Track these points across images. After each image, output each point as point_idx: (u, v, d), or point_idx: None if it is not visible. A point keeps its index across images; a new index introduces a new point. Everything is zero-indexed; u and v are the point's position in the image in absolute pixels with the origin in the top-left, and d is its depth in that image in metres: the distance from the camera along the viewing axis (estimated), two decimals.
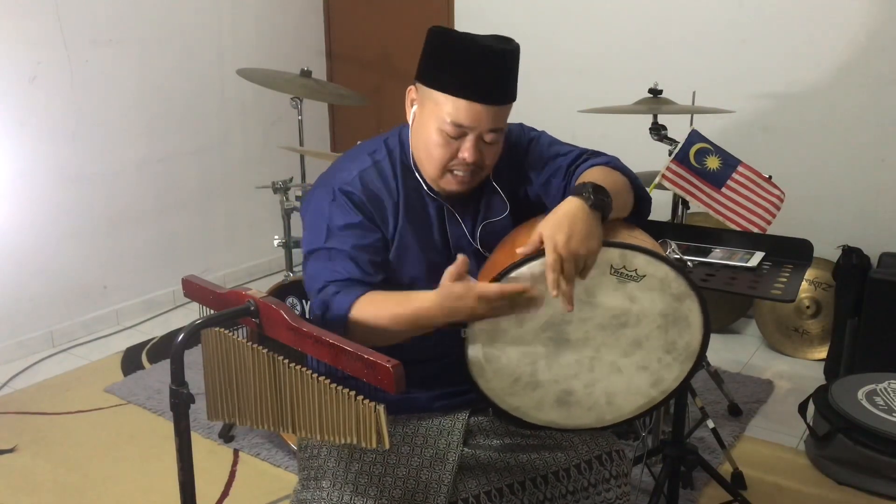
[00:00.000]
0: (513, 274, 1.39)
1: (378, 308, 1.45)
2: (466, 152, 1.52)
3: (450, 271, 1.37)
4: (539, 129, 1.74)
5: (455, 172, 1.55)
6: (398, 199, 1.59)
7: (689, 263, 1.46)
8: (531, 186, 1.66)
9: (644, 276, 1.40)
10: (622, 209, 1.52)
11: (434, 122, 1.52)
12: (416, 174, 1.61)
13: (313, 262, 1.57)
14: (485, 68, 1.49)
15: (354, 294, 1.47)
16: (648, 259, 1.40)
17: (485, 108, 1.49)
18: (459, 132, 1.51)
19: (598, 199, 1.41)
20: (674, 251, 1.47)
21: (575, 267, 1.35)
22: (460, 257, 1.38)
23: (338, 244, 1.53)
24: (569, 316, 1.42)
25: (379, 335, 1.43)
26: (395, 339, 1.44)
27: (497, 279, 1.39)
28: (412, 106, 1.60)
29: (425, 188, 1.61)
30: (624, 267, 1.40)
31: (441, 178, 1.56)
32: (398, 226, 1.58)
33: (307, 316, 2.41)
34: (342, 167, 1.62)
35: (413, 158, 1.61)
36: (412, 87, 1.60)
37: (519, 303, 1.37)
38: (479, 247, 1.62)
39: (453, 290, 1.36)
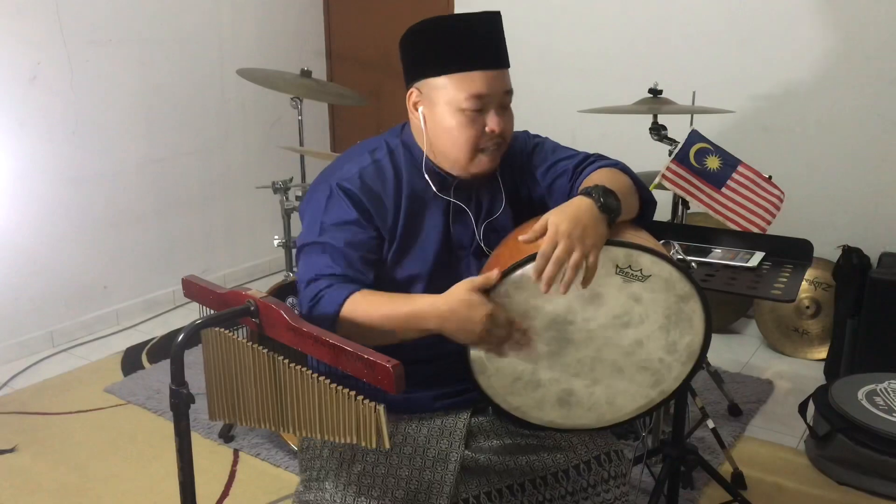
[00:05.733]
0: (517, 273, 1.38)
1: (372, 305, 1.44)
2: (494, 124, 1.53)
3: (475, 280, 1.38)
4: (539, 130, 1.75)
5: (486, 151, 1.56)
6: (400, 198, 1.58)
7: (692, 264, 1.46)
8: (536, 188, 1.66)
9: (649, 276, 1.40)
10: (627, 212, 1.52)
11: (450, 108, 1.53)
12: (427, 174, 1.60)
13: (305, 256, 1.56)
14: (480, 35, 1.52)
15: (347, 290, 1.46)
16: (654, 259, 1.40)
17: (494, 73, 1.52)
18: (479, 104, 1.52)
19: (607, 202, 1.41)
20: (677, 252, 1.47)
21: (569, 253, 1.34)
22: (494, 272, 1.38)
23: (331, 239, 1.53)
24: (572, 315, 1.42)
25: (367, 334, 1.42)
26: (382, 341, 1.43)
27: (505, 274, 1.38)
28: (417, 109, 1.58)
29: (433, 189, 1.60)
30: (629, 266, 1.40)
31: (472, 161, 1.56)
32: (399, 224, 1.57)
33: None
34: (342, 165, 1.62)
35: (427, 159, 1.60)
36: (412, 90, 1.59)
37: (514, 339, 1.41)
38: (482, 245, 1.62)
39: (471, 297, 1.37)
